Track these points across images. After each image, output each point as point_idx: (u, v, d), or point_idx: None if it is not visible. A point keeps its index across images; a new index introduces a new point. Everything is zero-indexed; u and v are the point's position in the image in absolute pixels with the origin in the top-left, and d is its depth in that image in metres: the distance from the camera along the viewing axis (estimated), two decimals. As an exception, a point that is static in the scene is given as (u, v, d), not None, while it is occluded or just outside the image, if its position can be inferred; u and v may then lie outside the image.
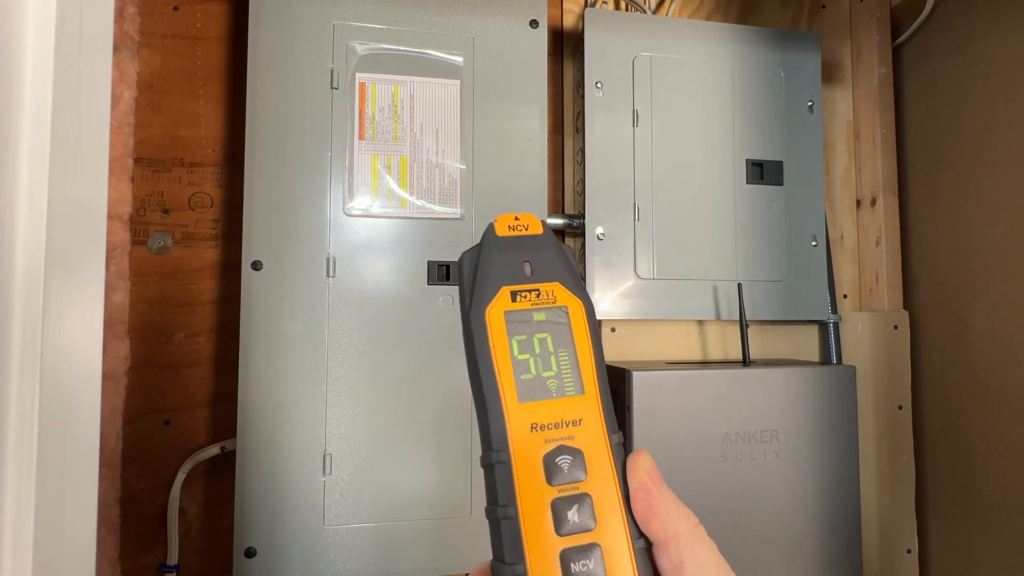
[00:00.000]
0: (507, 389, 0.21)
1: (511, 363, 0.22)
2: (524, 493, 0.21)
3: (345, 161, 0.65)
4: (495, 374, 0.21)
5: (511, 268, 0.22)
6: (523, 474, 0.21)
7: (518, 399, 0.21)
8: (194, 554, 0.69)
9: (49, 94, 0.39)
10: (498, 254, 0.22)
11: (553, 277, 0.23)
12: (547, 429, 0.21)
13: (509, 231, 0.23)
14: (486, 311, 0.22)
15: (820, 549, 0.72)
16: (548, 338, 0.22)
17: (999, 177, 0.75)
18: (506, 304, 0.22)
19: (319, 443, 0.63)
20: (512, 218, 0.23)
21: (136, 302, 0.69)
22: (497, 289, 0.22)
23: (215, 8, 0.73)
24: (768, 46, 0.81)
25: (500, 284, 0.22)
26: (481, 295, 0.22)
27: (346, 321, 0.64)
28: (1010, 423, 0.73)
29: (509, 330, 0.22)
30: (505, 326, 0.22)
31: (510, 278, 0.22)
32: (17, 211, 0.38)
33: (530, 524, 0.20)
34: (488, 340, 0.22)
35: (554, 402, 0.22)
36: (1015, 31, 0.74)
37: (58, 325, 0.40)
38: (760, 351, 0.83)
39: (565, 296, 0.22)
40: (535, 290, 0.22)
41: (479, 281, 0.22)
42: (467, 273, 0.23)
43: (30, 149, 0.38)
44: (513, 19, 0.71)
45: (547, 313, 0.22)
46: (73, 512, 0.43)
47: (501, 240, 0.23)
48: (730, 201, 0.78)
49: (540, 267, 0.23)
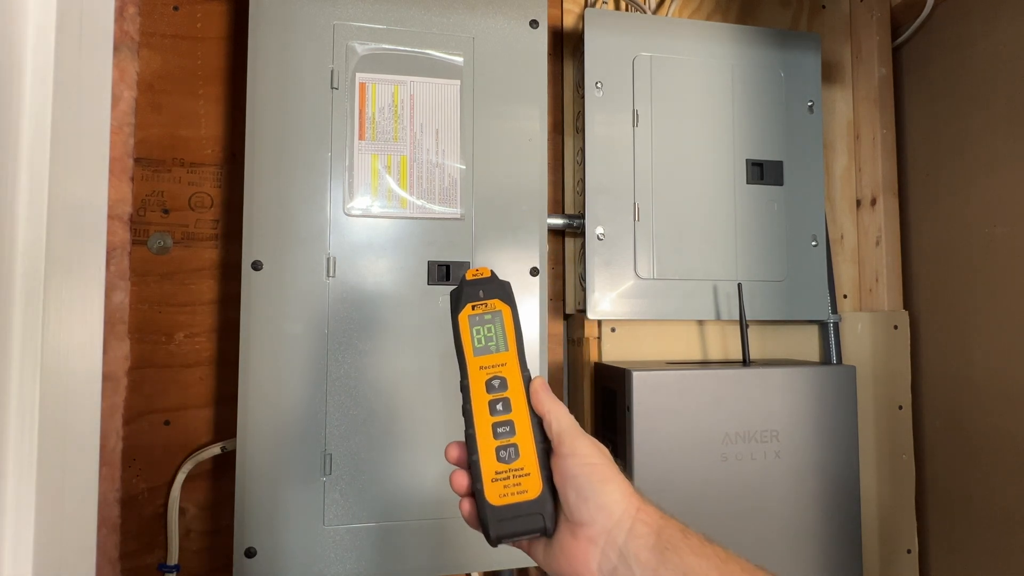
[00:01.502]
0: (468, 349, 0.41)
1: (471, 339, 0.41)
2: (475, 397, 0.41)
3: (345, 161, 0.65)
4: (463, 344, 0.41)
5: (473, 293, 0.42)
6: (475, 387, 0.41)
7: (474, 354, 0.41)
8: (194, 554, 0.69)
9: (49, 94, 0.39)
10: (467, 287, 0.42)
11: (494, 296, 0.42)
12: (487, 369, 0.41)
13: (473, 275, 0.43)
14: (459, 315, 0.42)
15: (820, 549, 0.72)
16: (492, 326, 0.42)
17: (999, 177, 0.75)
18: (470, 311, 0.42)
19: (319, 443, 0.63)
20: (473, 271, 0.43)
21: (136, 302, 0.69)
22: (466, 303, 0.42)
23: (215, 8, 0.73)
24: (768, 46, 0.81)
25: (467, 301, 0.42)
26: (457, 307, 0.42)
27: (346, 321, 0.64)
28: (1010, 423, 0.73)
29: (471, 324, 0.42)
30: (469, 322, 0.42)
31: (472, 298, 0.42)
32: (17, 211, 0.38)
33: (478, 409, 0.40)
34: (460, 329, 0.42)
35: (492, 355, 0.41)
36: (1015, 31, 0.74)
37: (58, 325, 0.40)
38: (760, 351, 0.83)
39: (500, 305, 0.42)
40: (484, 303, 0.42)
41: (458, 301, 0.42)
42: (453, 297, 0.42)
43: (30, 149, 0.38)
44: (513, 19, 0.71)
45: (491, 314, 0.42)
46: (73, 512, 0.43)
47: (469, 280, 0.42)
48: (730, 201, 0.78)
49: (488, 291, 0.42)
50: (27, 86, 0.38)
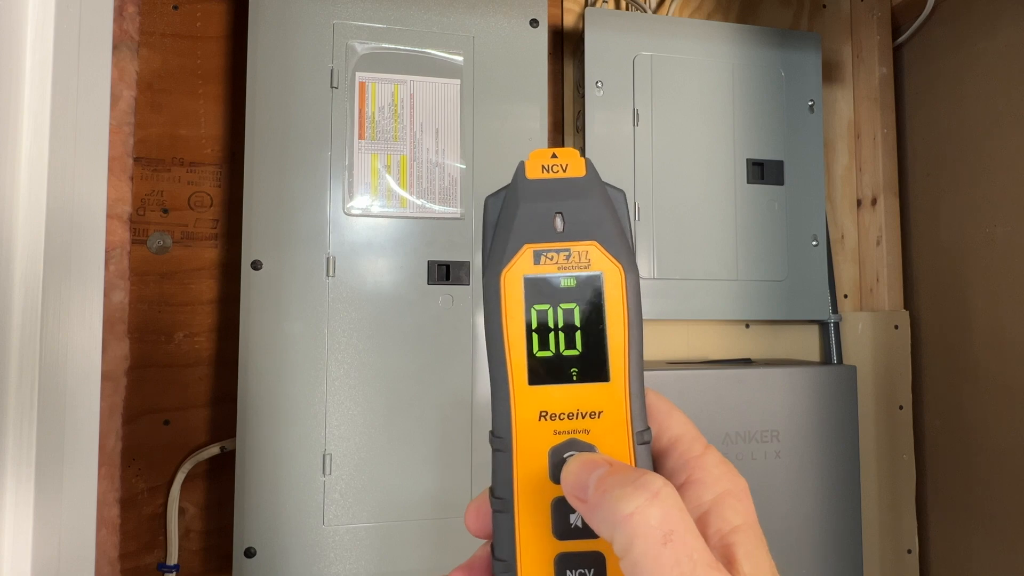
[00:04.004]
0: (516, 368, 0.18)
1: (524, 338, 0.18)
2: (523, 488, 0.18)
3: (345, 160, 0.65)
4: (505, 350, 0.18)
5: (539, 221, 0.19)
6: (524, 466, 0.18)
7: (527, 381, 0.19)
8: (194, 554, 0.69)
9: (48, 93, 0.39)
10: (525, 203, 0.19)
11: (590, 235, 0.19)
12: (558, 419, 0.18)
13: (543, 172, 0.19)
14: (502, 274, 0.18)
15: (820, 549, 0.72)
16: (576, 309, 0.19)
17: (1000, 177, 0.75)
18: (527, 267, 0.18)
19: (319, 443, 0.63)
20: (549, 155, 0.19)
21: (136, 302, 0.69)
22: (518, 247, 0.18)
23: (215, 7, 0.73)
24: (769, 46, 0.81)
25: (522, 241, 0.19)
26: (498, 255, 0.19)
27: (346, 321, 0.64)
28: (1011, 423, 0.73)
29: (528, 298, 0.18)
30: (523, 292, 0.18)
31: (535, 234, 0.19)
32: (16, 210, 0.38)
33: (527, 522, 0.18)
34: (501, 309, 0.18)
35: (571, 388, 0.18)
36: (1016, 31, 0.74)
37: (57, 325, 0.40)
38: (760, 351, 0.83)
39: (602, 260, 0.19)
40: (565, 250, 0.19)
41: (499, 236, 0.19)
42: (488, 224, 0.19)
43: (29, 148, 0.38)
44: (513, 18, 0.71)
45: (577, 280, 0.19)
46: (72, 512, 0.42)
47: (531, 184, 0.19)
48: (730, 201, 0.78)
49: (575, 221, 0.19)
50: (26, 85, 0.38)
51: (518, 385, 0.19)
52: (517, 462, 0.18)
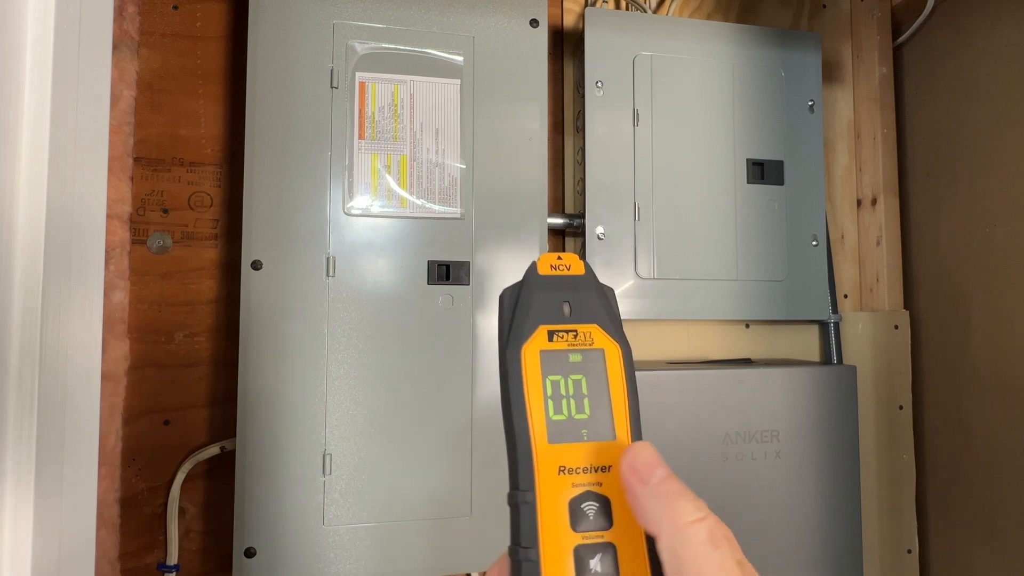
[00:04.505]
0: (537, 428, 0.21)
1: (543, 402, 0.22)
2: (547, 536, 0.20)
3: (345, 160, 0.65)
4: (526, 412, 0.22)
5: (550, 307, 0.23)
6: (547, 517, 0.21)
7: (548, 440, 0.21)
8: (194, 554, 0.69)
9: (48, 93, 0.39)
10: (538, 292, 0.23)
11: (592, 319, 0.23)
12: (575, 473, 0.21)
13: (551, 270, 0.23)
14: (522, 348, 0.22)
15: (820, 549, 0.72)
16: (583, 380, 0.22)
17: (1000, 177, 0.75)
18: (543, 343, 0.22)
19: (319, 443, 0.63)
20: (555, 257, 0.24)
21: (136, 302, 0.69)
22: (535, 327, 0.22)
23: (215, 7, 0.73)
24: (769, 46, 0.81)
25: (538, 323, 0.22)
26: (519, 332, 0.22)
27: (346, 321, 0.64)
28: (1010, 423, 0.73)
29: (544, 369, 0.22)
30: (540, 365, 0.22)
31: (549, 317, 0.23)
32: (16, 210, 0.38)
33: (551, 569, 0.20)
34: (522, 377, 0.22)
35: (584, 446, 0.22)
36: (1016, 31, 0.74)
37: (57, 324, 0.40)
38: (760, 351, 0.83)
39: (603, 339, 0.23)
40: (573, 331, 0.23)
41: (517, 318, 0.23)
42: (506, 309, 0.23)
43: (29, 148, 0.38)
44: (513, 18, 0.71)
45: (583, 355, 0.22)
46: (72, 512, 0.42)
47: (542, 279, 0.23)
48: (730, 201, 0.78)
49: (580, 308, 0.23)
50: (26, 85, 0.38)
51: (539, 443, 0.21)
52: (541, 512, 0.21)
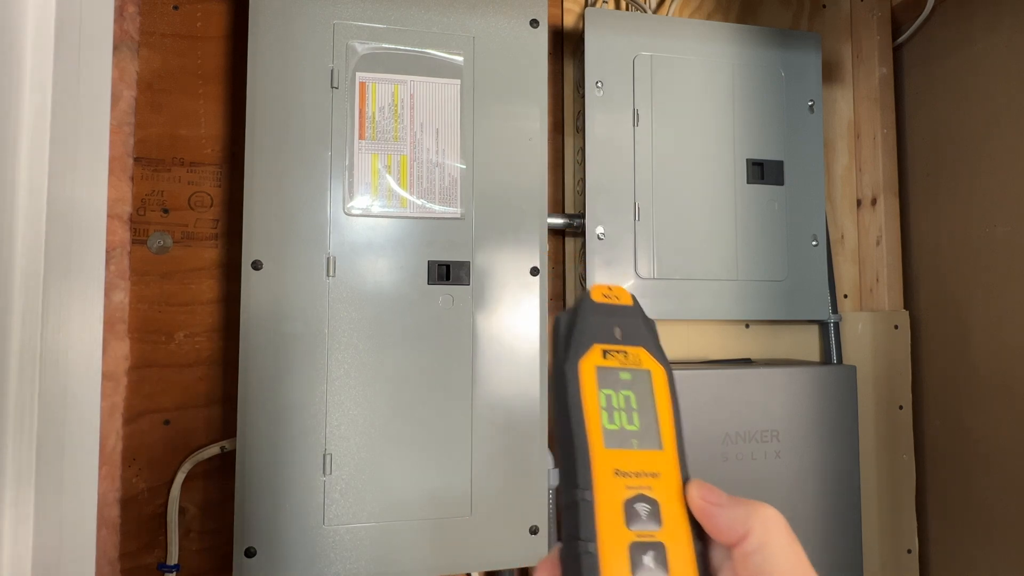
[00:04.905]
0: (594, 434, 0.23)
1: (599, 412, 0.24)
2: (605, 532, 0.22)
3: (345, 160, 0.65)
4: (584, 419, 0.24)
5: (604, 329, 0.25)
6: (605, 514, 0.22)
7: (604, 444, 0.23)
8: (194, 554, 0.69)
9: (49, 93, 0.39)
10: (593, 316, 0.26)
11: (639, 342, 0.26)
12: (629, 476, 0.23)
13: (603, 298, 0.26)
14: (580, 362, 0.24)
15: (820, 549, 0.72)
16: (632, 396, 0.25)
17: (1000, 177, 0.75)
18: (598, 359, 0.25)
19: (319, 443, 0.63)
20: (606, 288, 0.27)
21: (136, 302, 0.69)
22: (591, 344, 0.25)
23: (215, 7, 0.73)
24: (769, 46, 0.81)
25: (593, 341, 0.25)
26: (577, 348, 0.25)
27: (346, 321, 0.64)
28: (1011, 423, 0.73)
29: (599, 382, 0.24)
30: (596, 378, 0.24)
31: (602, 337, 0.25)
32: (17, 210, 0.38)
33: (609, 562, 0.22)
34: (580, 388, 0.24)
35: (636, 453, 0.24)
36: (1015, 31, 0.74)
37: (58, 324, 0.40)
38: (760, 351, 0.83)
39: (649, 361, 0.26)
40: (623, 351, 0.25)
41: (575, 336, 0.25)
42: (563, 328, 0.26)
43: (29, 148, 0.38)
44: (513, 19, 0.71)
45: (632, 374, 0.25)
46: (73, 512, 0.42)
47: (596, 305, 0.26)
48: (730, 201, 0.78)
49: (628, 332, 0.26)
50: (27, 85, 0.38)
51: (596, 448, 0.23)
52: (599, 509, 0.23)
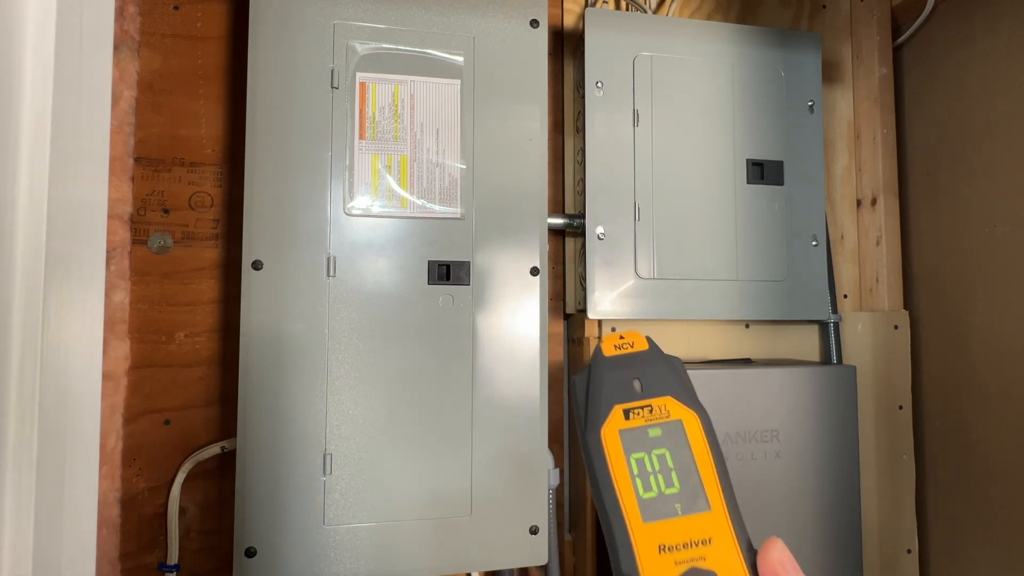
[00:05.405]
0: (630, 509, 0.21)
1: (631, 482, 0.22)
2: None
3: (345, 161, 0.65)
4: (616, 495, 0.21)
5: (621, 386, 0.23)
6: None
7: (642, 519, 0.21)
8: (194, 554, 0.69)
9: (49, 94, 0.39)
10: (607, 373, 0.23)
11: (664, 391, 0.23)
12: (676, 550, 0.21)
13: (615, 350, 0.24)
14: (601, 431, 0.22)
15: (820, 549, 0.72)
16: (666, 453, 0.22)
17: (999, 177, 0.75)
18: (620, 423, 0.22)
19: (319, 443, 0.63)
20: (617, 337, 0.24)
21: (136, 302, 0.69)
22: (610, 409, 0.23)
23: (215, 8, 0.73)
24: (768, 46, 0.81)
25: (612, 403, 0.23)
26: (595, 416, 0.22)
27: (346, 321, 0.64)
28: (1011, 423, 0.73)
29: (626, 448, 0.22)
30: (622, 445, 0.22)
31: (621, 396, 0.23)
32: (17, 210, 0.38)
33: None
34: (606, 461, 0.22)
35: (680, 520, 0.21)
36: (1015, 31, 0.74)
37: (58, 325, 0.40)
38: (760, 351, 0.83)
39: (678, 409, 0.23)
40: (647, 406, 0.23)
41: (591, 402, 0.23)
42: (579, 395, 0.24)
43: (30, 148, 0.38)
44: (514, 19, 0.71)
45: (662, 428, 0.22)
46: (73, 512, 0.43)
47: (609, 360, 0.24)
48: (730, 201, 0.78)
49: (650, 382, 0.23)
50: (27, 85, 0.38)
51: (634, 524, 0.21)
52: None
